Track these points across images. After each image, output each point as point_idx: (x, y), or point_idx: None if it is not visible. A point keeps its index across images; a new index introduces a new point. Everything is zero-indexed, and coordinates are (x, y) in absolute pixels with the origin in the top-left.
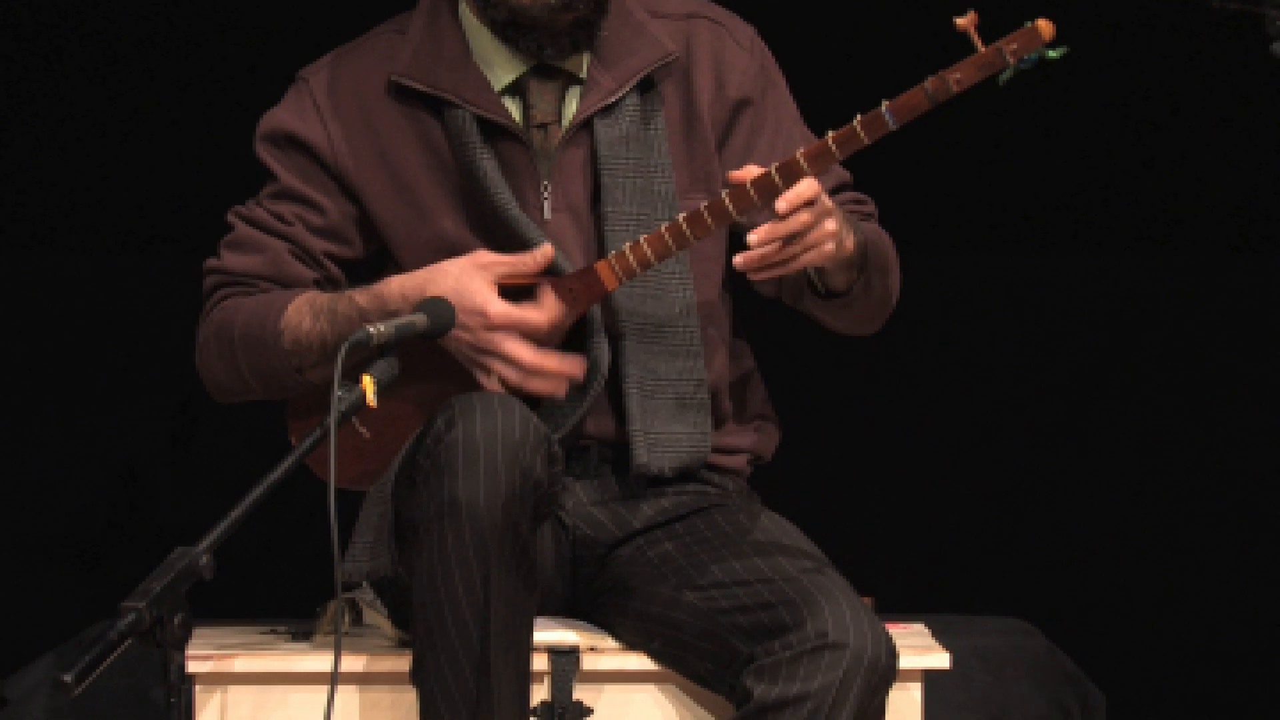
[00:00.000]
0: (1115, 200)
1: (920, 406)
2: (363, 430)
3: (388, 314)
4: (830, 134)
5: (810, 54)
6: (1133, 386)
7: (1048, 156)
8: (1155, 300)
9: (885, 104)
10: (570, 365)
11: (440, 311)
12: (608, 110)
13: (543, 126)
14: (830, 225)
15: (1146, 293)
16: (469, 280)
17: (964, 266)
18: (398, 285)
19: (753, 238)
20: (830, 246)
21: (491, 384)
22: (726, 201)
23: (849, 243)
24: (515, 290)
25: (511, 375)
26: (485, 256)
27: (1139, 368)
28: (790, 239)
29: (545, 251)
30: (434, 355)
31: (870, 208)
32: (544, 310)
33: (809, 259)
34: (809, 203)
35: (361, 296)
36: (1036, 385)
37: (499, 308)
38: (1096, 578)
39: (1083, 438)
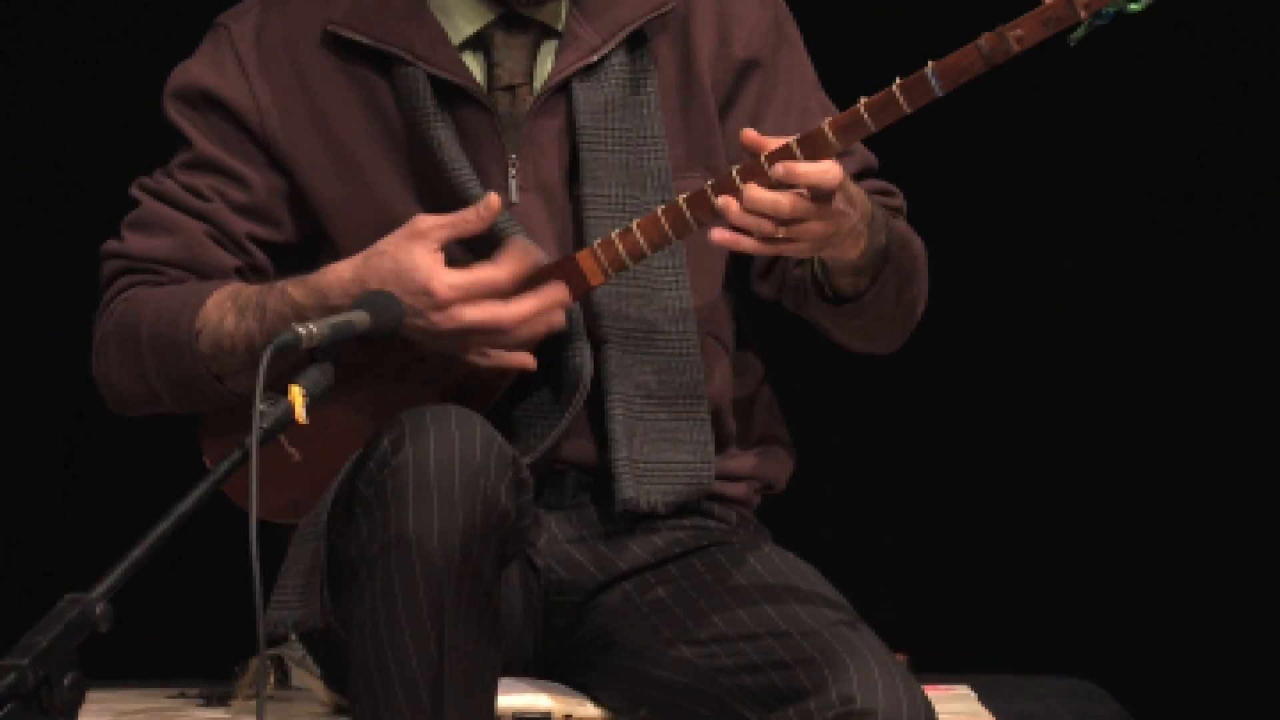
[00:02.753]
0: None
1: (960, 427)
2: (291, 451)
3: (329, 309)
4: (863, 100)
5: (836, 5)
6: (1206, 408)
7: (1103, 133)
8: (1236, 301)
9: (931, 65)
10: (551, 294)
11: (383, 306)
12: (589, 70)
13: (510, 89)
14: (815, 230)
15: (1225, 293)
16: (408, 258)
17: (1009, 255)
18: (335, 275)
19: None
20: (803, 247)
21: (497, 358)
22: (736, 178)
23: (854, 251)
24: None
25: (495, 342)
26: (422, 222)
27: (1212, 386)
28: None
29: (490, 203)
30: (379, 360)
31: (898, 201)
32: (500, 263)
33: (793, 249)
34: (821, 194)
35: (296, 289)
36: (1098, 402)
37: (445, 280)
38: (1171, 630)
39: (1153, 465)
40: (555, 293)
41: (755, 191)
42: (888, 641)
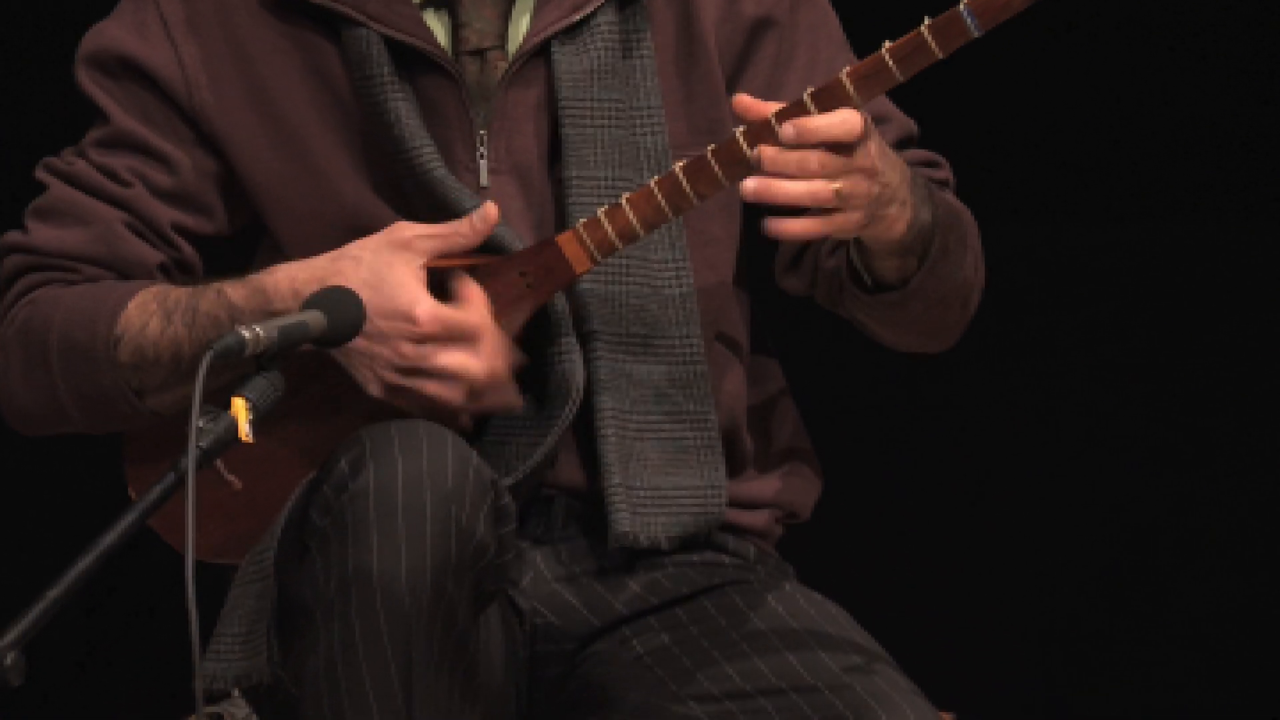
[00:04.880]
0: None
1: (1015, 442)
2: (231, 479)
3: (271, 316)
4: (887, 45)
5: None
6: None
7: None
8: None
9: (965, 1)
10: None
11: (343, 307)
12: (572, 31)
13: (479, 53)
14: (863, 187)
15: None
16: (389, 271)
17: (1074, 240)
18: (286, 276)
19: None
20: (857, 216)
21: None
22: (741, 143)
23: (900, 225)
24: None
25: (456, 396)
26: (407, 230)
27: None
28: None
29: (486, 215)
30: (333, 369)
31: (943, 173)
32: (471, 305)
33: (844, 220)
34: (841, 146)
35: (236, 290)
36: (1180, 404)
37: (428, 308)
38: (1265, 676)
39: (1245, 480)
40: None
41: (771, 152)
42: (931, 698)
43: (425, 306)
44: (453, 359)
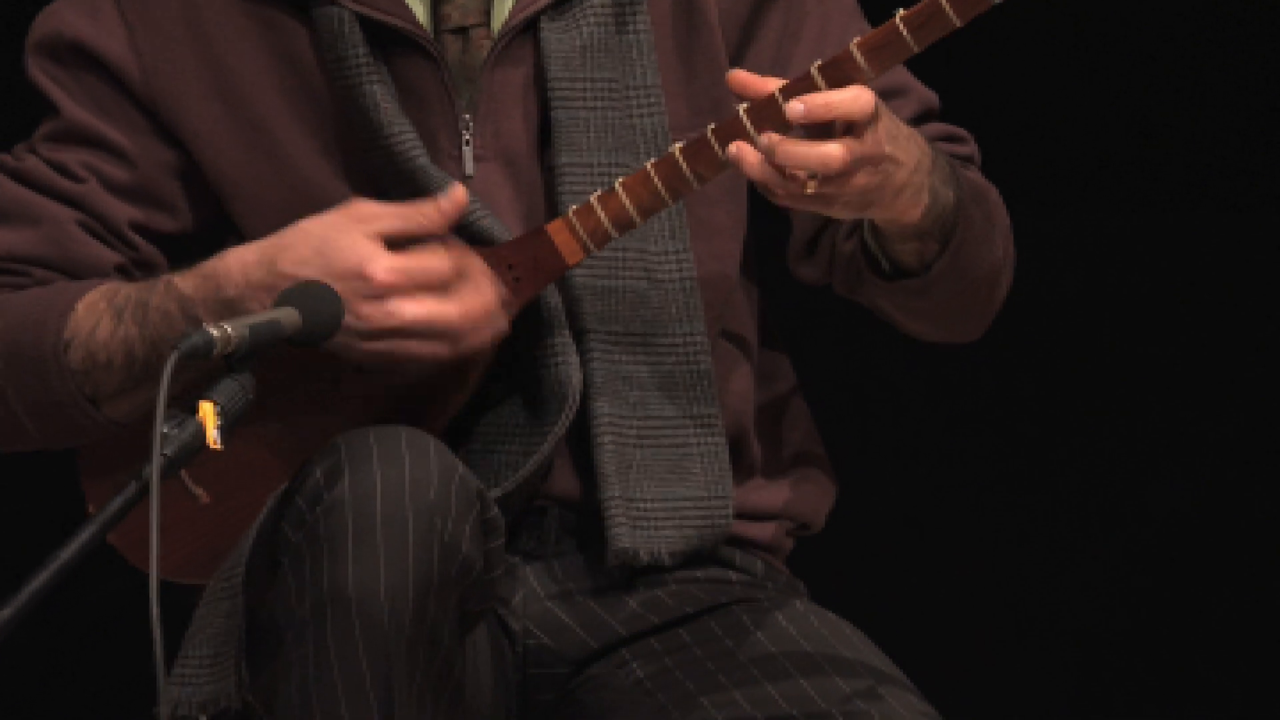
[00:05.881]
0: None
1: (1047, 448)
2: (198, 491)
3: (225, 303)
4: (900, 12)
5: None
6: None
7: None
8: None
9: None
10: (494, 289)
11: (318, 301)
12: (562, 6)
13: (462, 31)
14: (857, 181)
15: None
16: (338, 235)
17: (1117, 228)
18: (236, 259)
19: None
20: (839, 210)
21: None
22: (745, 120)
23: (916, 208)
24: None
25: (437, 349)
26: (362, 207)
27: None
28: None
29: (455, 197)
30: (306, 372)
31: (968, 148)
32: (430, 249)
33: (826, 209)
34: (847, 126)
35: (185, 280)
36: (1231, 404)
37: (386, 263)
38: None
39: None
40: (496, 288)
41: (778, 140)
42: None
43: (379, 261)
44: (420, 308)
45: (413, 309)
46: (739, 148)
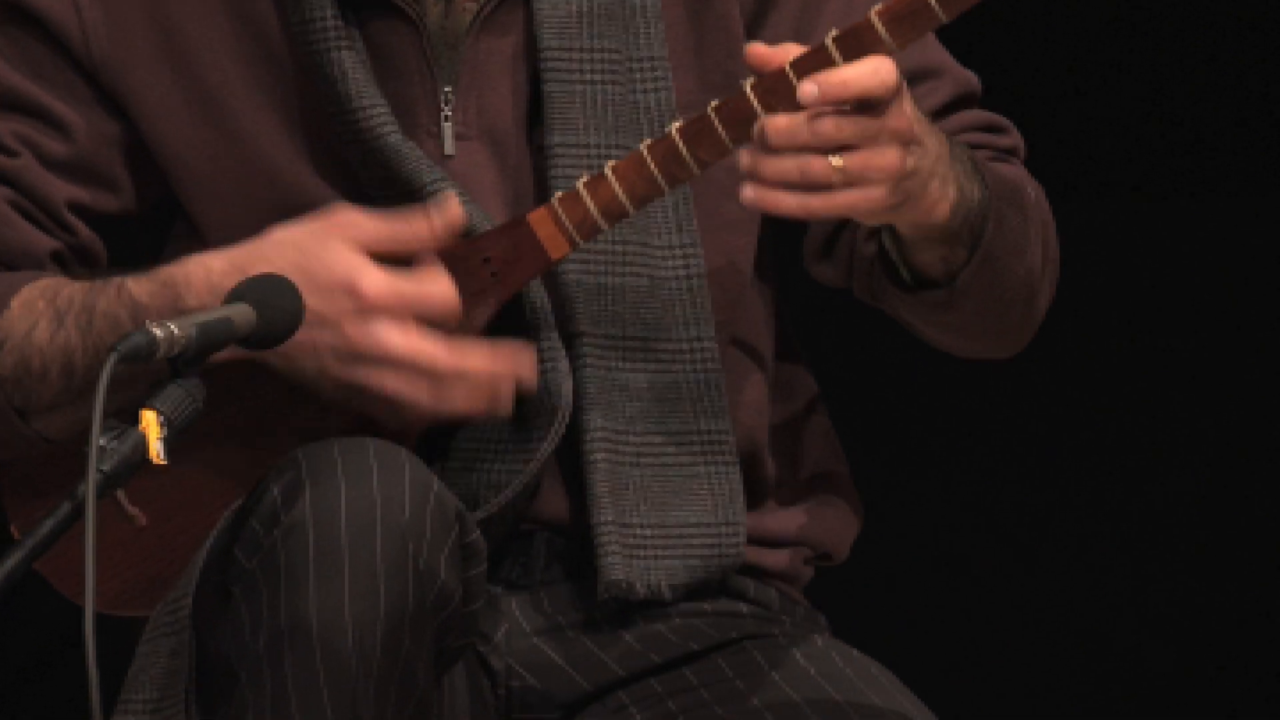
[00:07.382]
0: None
1: (1085, 468)
2: (134, 512)
3: (183, 315)
4: None
5: None
6: None
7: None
8: None
9: None
10: (510, 359)
11: (274, 295)
12: None
13: None
14: (889, 158)
15: None
16: (318, 245)
17: (1171, 217)
18: (200, 267)
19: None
20: (876, 194)
21: (389, 405)
22: (751, 97)
23: (943, 206)
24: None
25: (417, 392)
26: (344, 213)
27: None
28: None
29: (450, 213)
30: (260, 378)
31: (1010, 139)
32: (439, 278)
33: (834, 204)
34: (867, 105)
35: (140, 285)
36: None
37: (375, 278)
38: None
39: None
40: (515, 360)
41: (783, 121)
42: None
43: (368, 275)
44: (406, 339)
45: (396, 336)
46: (770, 121)
